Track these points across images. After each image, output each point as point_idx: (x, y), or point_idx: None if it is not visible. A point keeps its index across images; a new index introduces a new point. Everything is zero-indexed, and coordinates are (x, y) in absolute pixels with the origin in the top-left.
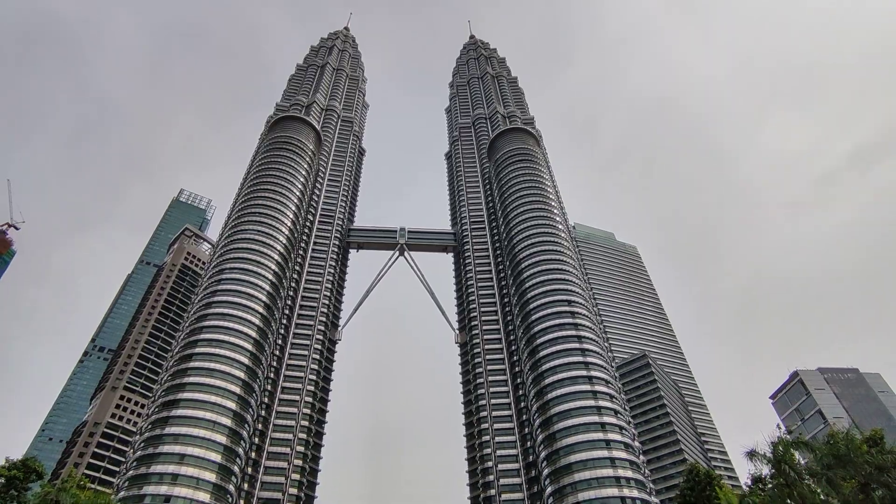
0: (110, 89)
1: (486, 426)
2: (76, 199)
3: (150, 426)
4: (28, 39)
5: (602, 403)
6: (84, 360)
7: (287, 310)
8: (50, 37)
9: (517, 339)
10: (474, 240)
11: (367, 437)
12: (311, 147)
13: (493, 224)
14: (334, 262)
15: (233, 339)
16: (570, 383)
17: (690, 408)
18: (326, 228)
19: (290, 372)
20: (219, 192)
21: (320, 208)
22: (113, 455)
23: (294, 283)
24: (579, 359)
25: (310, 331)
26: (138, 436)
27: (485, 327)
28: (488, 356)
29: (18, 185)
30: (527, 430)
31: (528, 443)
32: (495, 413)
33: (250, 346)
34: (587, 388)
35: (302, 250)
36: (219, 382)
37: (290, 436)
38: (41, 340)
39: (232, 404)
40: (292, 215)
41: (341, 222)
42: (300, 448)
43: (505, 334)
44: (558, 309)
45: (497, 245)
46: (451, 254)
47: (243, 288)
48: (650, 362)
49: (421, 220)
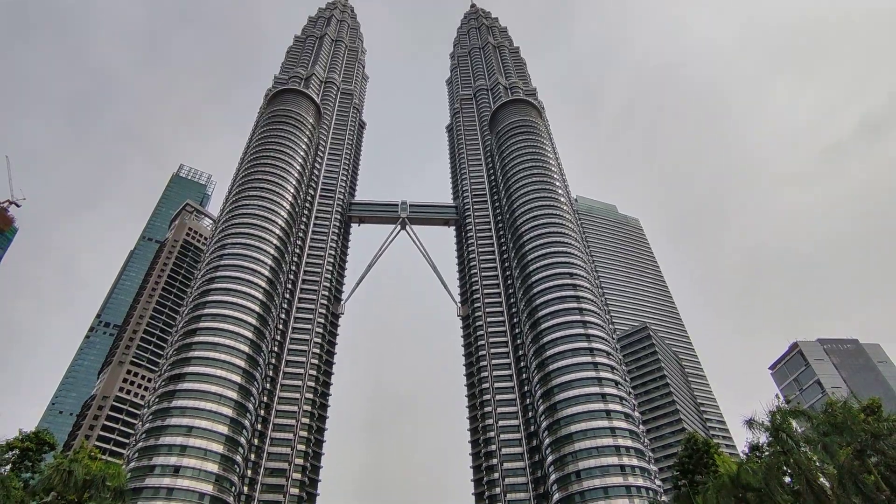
0: (105, 62)
1: (488, 397)
2: (75, 174)
3: (157, 399)
4: (19, 9)
5: (603, 375)
6: (90, 336)
7: (289, 284)
8: (42, 6)
9: (519, 311)
10: (476, 213)
11: (370, 409)
12: (311, 120)
13: (495, 197)
14: (336, 237)
15: (236, 313)
16: (572, 355)
17: (690, 379)
18: (327, 202)
19: (294, 346)
20: (219, 167)
21: (321, 182)
22: (122, 427)
23: (296, 257)
24: (580, 331)
25: (312, 305)
26: (146, 409)
27: (487, 300)
28: (490, 329)
29: (16, 162)
30: (528, 400)
31: (530, 413)
32: (497, 385)
33: (254, 320)
34: (588, 359)
35: (303, 224)
36: (224, 356)
37: (294, 408)
38: (47, 316)
39: (237, 378)
40: (293, 190)
41: (342, 196)
42: (305, 420)
43: (507, 307)
44: (560, 281)
45: (499, 218)
46: (453, 227)
47: (246, 263)
48: (651, 334)
49: (422, 193)
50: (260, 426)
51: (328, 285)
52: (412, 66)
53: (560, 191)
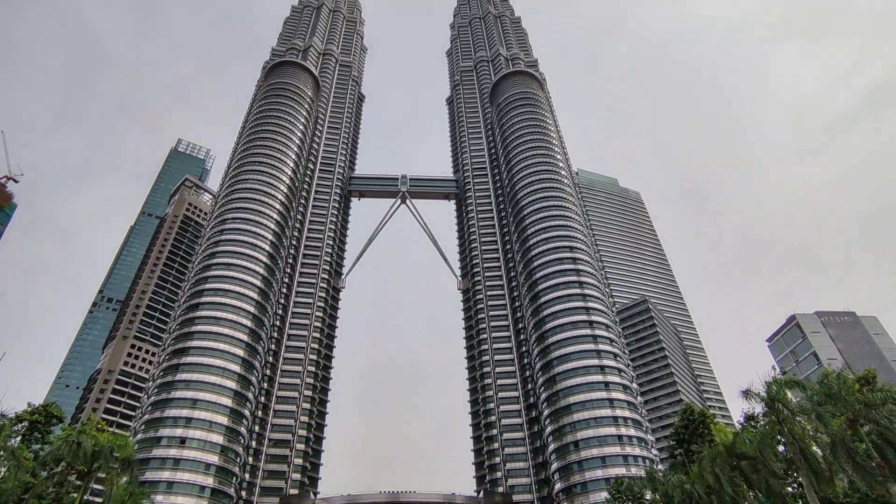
0: (97, 33)
1: (488, 370)
2: (71, 148)
3: (161, 373)
4: None
5: (602, 347)
6: (93, 311)
7: (290, 259)
8: None
9: (519, 284)
10: (476, 186)
11: (370, 382)
12: (310, 93)
13: (496, 170)
14: (336, 211)
15: (238, 288)
16: (571, 328)
17: (688, 351)
18: (327, 177)
19: (296, 320)
20: (217, 141)
21: (320, 156)
22: (127, 401)
23: (296, 231)
24: (580, 304)
25: (313, 279)
26: (151, 382)
27: (487, 273)
28: (490, 302)
29: (10, 135)
30: (528, 373)
31: (530, 385)
32: (497, 357)
33: (255, 295)
34: (587, 332)
35: (303, 199)
36: (226, 331)
37: (297, 381)
38: (50, 292)
39: (240, 351)
40: (292, 164)
41: (342, 170)
42: (307, 392)
43: (507, 280)
44: (560, 255)
45: (499, 191)
46: (453, 201)
47: (246, 238)
48: (650, 307)
49: (423, 167)
50: (263, 399)
51: (329, 259)
52: (412, 37)
53: (561, 164)
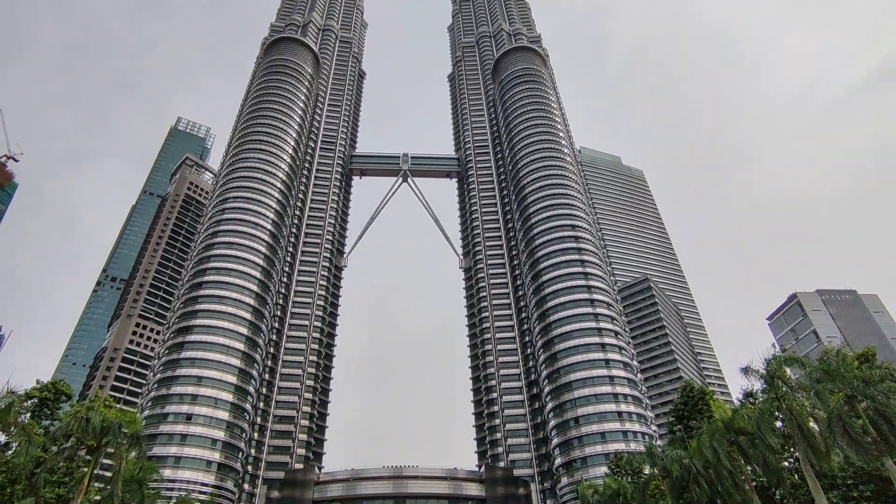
0: (96, 10)
1: (489, 347)
2: (71, 127)
3: (166, 351)
4: None
5: (603, 325)
6: (98, 290)
7: (292, 238)
8: None
9: (521, 262)
10: (478, 164)
11: (373, 359)
12: (310, 70)
13: (498, 148)
14: (337, 189)
15: (241, 267)
16: (573, 306)
17: (689, 329)
18: (328, 155)
19: (298, 298)
20: (218, 118)
21: (321, 134)
22: (134, 378)
23: (298, 210)
24: (582, 282)
25: (315, 258)
26: (156, 360)
27: (488, 252)
28: (492, 280)
29: (9, 114)
30: (529, 350)
31: (531, 362)
32: (499, 335)
33: (258, 273)
34: (589, 310)
35: (304, 177)
36: (230, 309)
37: (300, 358)
38: (54, 271)
39: (243, 329)
40: (293, 142)
41: (343, 148)
42: (311, 370)
43: (508, 258)
44: (562, 234)
45: (501, 169)
46: (455, 179)
47: (248, 217)
48: (651, 285)
49: (424, 145)
50: (268, 376)
51: (331, 238)
52: (413, 12)
53: (563, 142)
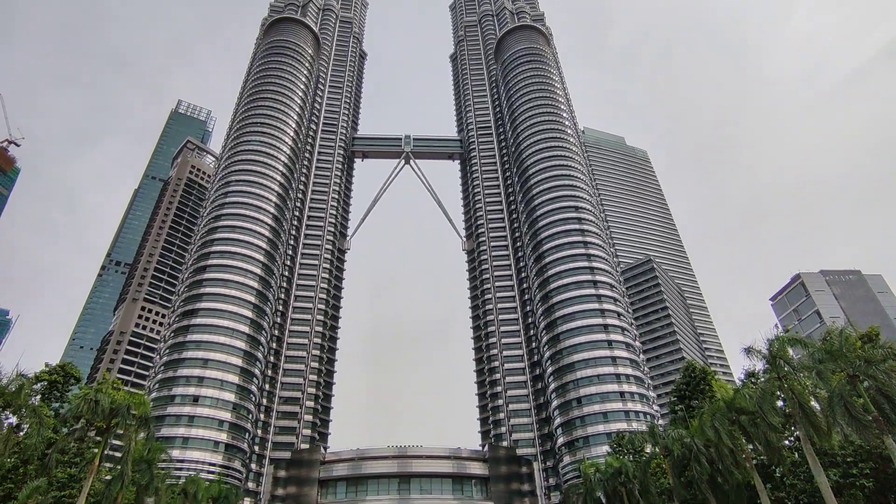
0: None
1: (492, 329)
2: (71, 110)
3: (172, 334)
4: None
5: (605, 306)
6: (103, 274)
7: (295, 221)
8: None
9: (524, 245)
10: (481, 146)
11: (378, 341)
12: (310, 51)
13: (501, 129)
14: (340, 172)
15: (244, 250)
16: (576, 287)
17: (692, 310)
18: (330, 137)
19: (302, 281)
20: (219, 99)
21: (322, 116)
22: (141, 361)
23: (300, 193)
24: (584, 264)
25: (318, 241)
26: (162, 343)
27: (491, 234)
28: (495, 262)
29: (8, 97)
30: (532, 331)
31: (533, 343)
32: (501, 316)
33: (261, 256)
34: (591, 291)
35: (307, 160)
36: (234, 292)
37: (305, 340)
38: (58, 256)
39: (248, 312)
40: (294, 125)
41: (345, 130)
42: (315, 352)
43: (512, 240)
44: (565, 215)
45: (504, 151)
46: (458, 161)
47: (251, 200)
48: (655, 267)
49: (427, 127)
50: (273, 358)
51: (333, 221)
52: None
53: (567, 123)
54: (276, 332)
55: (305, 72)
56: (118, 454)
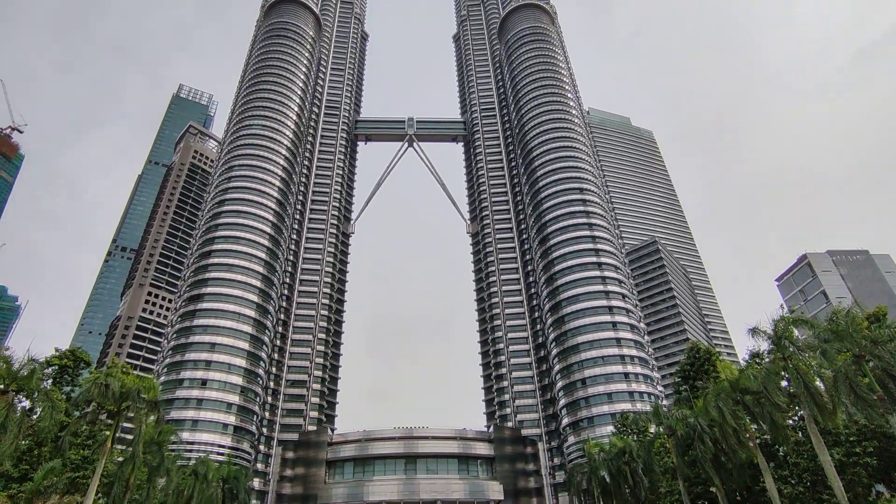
0: None
1: (497, 311)
2: (72, 96)
3: (179, 319)
4: None
5: (610, 288)
6: (109, 260)
7: (299, 205)
8: None
9: (528, 227)
10: (485, 128)
11: (383, 324)
12: (311, 33)
13: (505, 111)
14: (343, 155)
15: (249, 234)
16: (581, 269)
17: (697, 291)
18: (333, 121)
19: (307, 265)
20: (220, 83)
21: (325, 99)
22: (149, 346)
23: (304, 177)
24: (589, 245)
25: (323, 225)
26: (170, 328)
27: (496, 216)
28: (500, 245)
29: (11, 85)
30: (537, 314)
31: (538, 325)
32: (506, 299)
33: (266, 241)
34: (596, 273)
35: (310, 144)
36: (239, 277)
37: (311, 324)
38: (65, 242)
39: (254, 297)
40: (297, 108)
41: (347, 114)
42: (321, 335)
43: (516, 222)
44: (570, 197)
45: (508, 132)
46: (461, 143)
47: (254, 185)
48: (660, 248)
49: (430, 109)
50: (279, 342)
51: (337, 205)
52: None
53: (572, 103)
54: (282, 316)
55: (307, 54)
56: (129, 437)
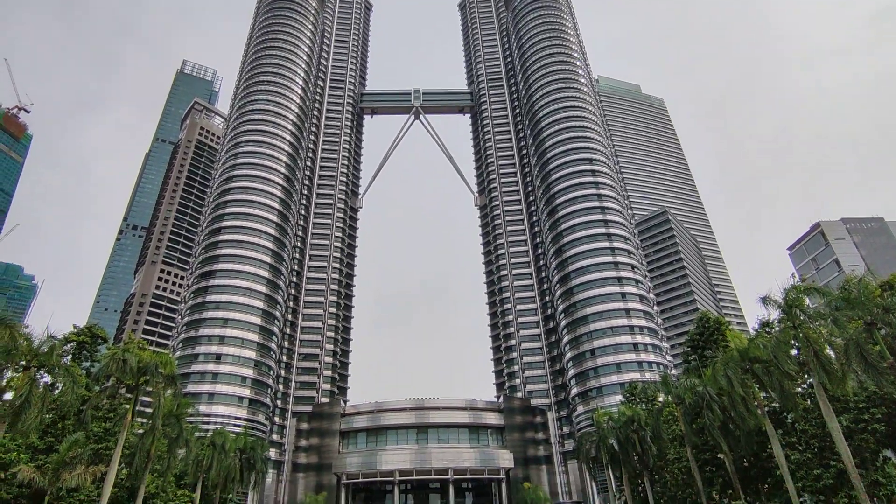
0: None
1: (506, 284)
2: (76, 73)
3: (192, 295)
4: None
5: (619, 259)
6: (121, 239)
7: (306, 180)
8: None
9: (537, 198)
10: (492, 98)
11: (393, 297)
12: (314, 4)
13: (512, 80)
14: (349, 129)
15: (257, 210)
16: (589, 240)
17: (707, 261)
18: (338, 94)
19: (316, 240)
20: (224, 58)
21: (329, 72)
22: (163, 322)
23: (311, 152)
24: (598, 217)
25: (331, 200)
26: (183, 304)
27: (504, 188)
28: (508, 217)
29: (15, 65)
30: (545, 285)
31: (547, 297)
32: (515, 271)
33: (275, 216)
34: (605, 244)
35: (315, 118)
36: (250, 253)
37: (321, 299)
38: (77, 221)
39: (264, 272)
40: (301, 82)
41: (353, 86)
42: (332, 309)
43: (524, 194)
44: (579, 168)
45: (516, 102)
46: (468, 114)
47: (261, 160)
48: (670, 218)
49: (436, 81)
50: (290, 316)
51: (345, 179)
52: None
53: (581, 72)
54: (293, 291)
55: (310, 26)
56: (148, 410)
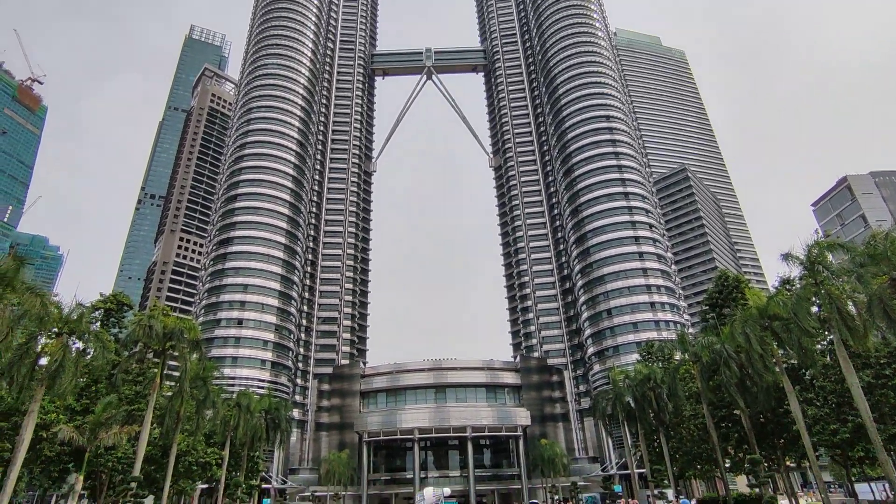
0: None
1: (522, 245)
2: (85, 41)
3: (211, 262)
4: None
5: (637, 218)
6: (140, 208)
7: (320, 145)
8: None
9: (552, 157)
10: (505, 55)
11: (409, 260)
12: None
13: (526, 36)
14: (361, 91)
15: (272, 177)
16: (606, 200)
17: (727, 220)
18: (349, 56)
19: (331, 205)
20: (233, 20)
21: (339, 33)
22: (185, 289)
23: (323, 116)
24: (616, 175)
25: (344, 164)
26: (203, 271)
27: (518, 148)
28: (523, 177)
29: (24, 35)
30: (562, 246)
31: (563, 257)
32: (531, 232)
33: (289, 182)
34: (623, 203)
35: (326, 81)
36: (266, 219)
37: (338, 263)
38: (96, 191)
39: (281, 238)
40: (311, 44)
41: (363, 48)
42: (349, 273)
43: (540, 154)
44: (596, 125)
45: (530, 59)
46: (482, 73)
47: (274, 126)
48: (689, 176)
49: (449, 39)
50: (308, 281)
51: (358, 143)
52: None
53: (598, 24)
54: (310, 256)
55: None
56: (176, 373)
